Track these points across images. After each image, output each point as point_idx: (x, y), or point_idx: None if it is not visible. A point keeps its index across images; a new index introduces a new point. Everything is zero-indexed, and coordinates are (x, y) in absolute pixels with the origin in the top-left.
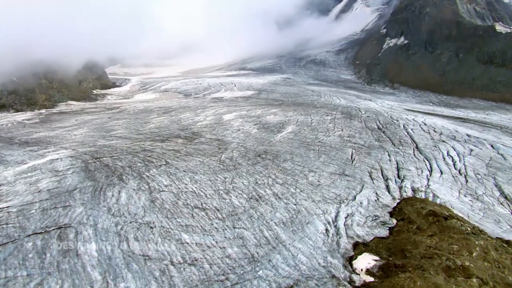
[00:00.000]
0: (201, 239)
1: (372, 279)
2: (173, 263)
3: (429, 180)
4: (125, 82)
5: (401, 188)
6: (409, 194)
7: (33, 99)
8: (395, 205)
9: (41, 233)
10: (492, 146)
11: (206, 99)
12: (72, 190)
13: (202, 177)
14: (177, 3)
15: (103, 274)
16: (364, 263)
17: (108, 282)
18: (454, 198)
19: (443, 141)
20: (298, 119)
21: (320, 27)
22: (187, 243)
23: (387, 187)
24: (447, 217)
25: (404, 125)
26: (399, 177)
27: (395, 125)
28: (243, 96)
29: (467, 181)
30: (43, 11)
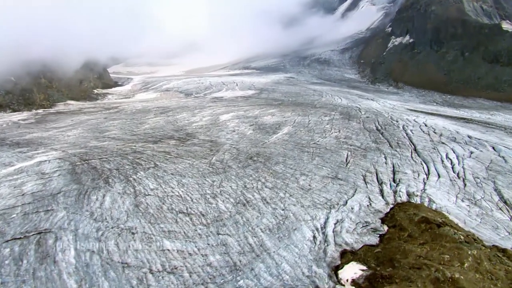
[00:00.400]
0: (183, 246)
1: None
2: (152, 271)
3: (425, 184)
4: (127, 81)
5: (395, 192)
6: (404, 198)
7: (30, 98)
8: (388, 210)
9: (20, 238)
10: (493, 148)
11: (206, 98)
12: (56, 193)
13: (190, 180)
14: (178, 2)
15: (79, 282)
16: (350, 273)
17: None
18: (450, 203)
19: (443, 143)
20: (295, 120)
21: (325, 25)
22: (168, 250)
23: (381, 192)
24: (440, 224)
25: (403, 126)
26: (394, 181)
27: (394, 126)
28: (244, 95)
29: (465, 185)
30: (42, 11)
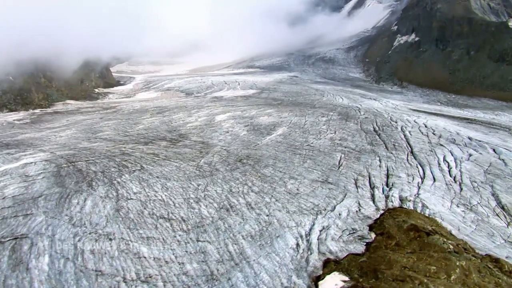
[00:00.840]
0: (160, 253)
1: None
2: (125, 279)
3: (419, 188)
4: (129, 80)
5: (387, 197)
6: (396, 204)
7: (28, 98)
8: (378, 216)
9: None
10: (494, 150)
11: (206, 98)
12: (37, 197)
13: (174, 184)
14: (181, 2)
15: None
16: (331, 284)
17: None
18: (445, 208)
19: (441, 145)
20: (291, 121)
21: (331, 23)
22: (145, 257)
23: (372, 197)
24: (430, 233)
25: (402, 127)
26: (387, 185)
27: (392, 127)
28: (244, 95)
29: (461, 189)
30: (41, 11)
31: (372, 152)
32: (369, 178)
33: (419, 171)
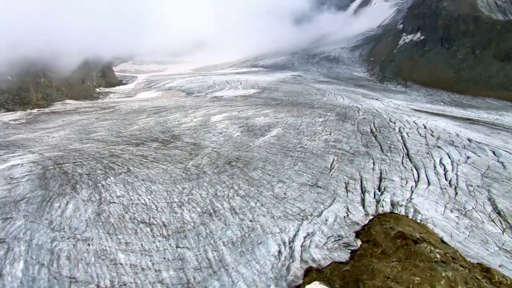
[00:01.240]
0: (137, 259)
1: None
2: (99, 287)
3: (413, 192)
4: (131, 80)
5: (378, 202)
6: (387, 209)
7: (26, 98)
8: (366, 222)
9: None
10: (493, 152)
11: (205, 98)
12: (19, 200)
13: (159, 187)
14: (183, 0)
15: None
16: None
17: None
18: (438, 214)
19: (439, 147)
20: (287, 121)
21: (337, 22)
22: (121, 264)
23: (362, 201)
24: (417, 241)
25: (400, 129)
26: (379, 189)
27: (390, 128)
28: (244, 95)
29: (456, 193)
30: (40, 11)
31: (366, 154)
32: (361, 181)
33: (413, 174)
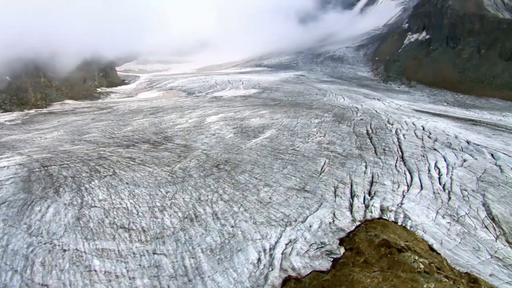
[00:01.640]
0: (112, 266)
1: None
2: None
3: (404, 197)
4: (134, 79)
5: (367, 207)
6: (376, 214)
7: (24, 98)
8: (353, 229)
9: None
10: (492, 155)
11: (205, 98)
12: (0, 203)
13: (142, 190)
14: (187, 0)
15: None
16: None
17: None
18: (429, 219)
19: (435, 150)
20: (282, 122)
21: (343, 21)
22: (95, 270)
23: (351, 206)
24: (401, 249)
25: (397, 130)
26: (369, 194)
27: (386, 130)
28: (244, 95)
29: (449, 198)
30: (40, 11)
31: (359, 157)
32: (351, 186)
33: (406, 178)
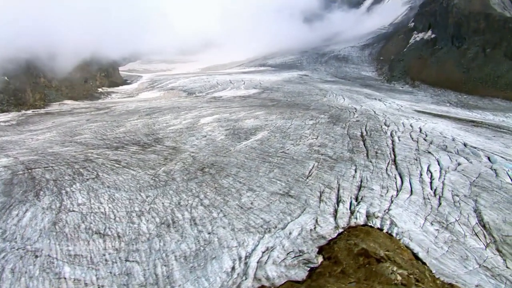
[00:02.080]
0: (82, 273)
1: None
2: None
3: (392, 202)
4: (136, 79)
5: (353, 213)
6: (361, 221)
7: (22, 99)
8: (335, 236)
9: None
10: (489, 158)
11: (204, 98)
12: None
13: (123, 195)
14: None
15: None
16: None
17: None
18: (416, 226)
19: (429, 152)
20: (276, 124)
21: (349, 20)
22: (65, 278)
23: (335, 212)
24: (381, 259)
25: (392, 132)
26: (356, 199)
27: (381, 132)
28: (243, 95)
29: (440, 204)
30: (40, 11)
31: (349, 160)
32: (338, 190)
33: (396, 182)
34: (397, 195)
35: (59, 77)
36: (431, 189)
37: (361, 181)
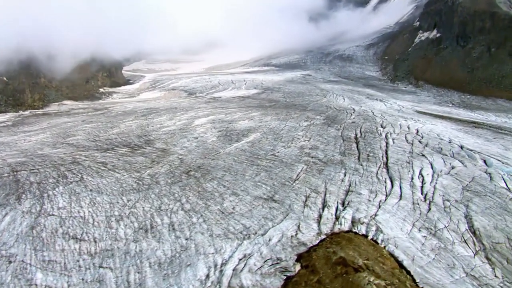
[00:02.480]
0: (54, 280)
1: None
2: None
3: (379, 208)
4: (138, 79)
5: (337, 218)
6: (346, 227)
7: (21, 99)
8: (317, 243)
9: None
10: (485, 161)
11: (203, 99)
12: None
13: (104, 198)
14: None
15: None
16: None
17: None
18: (403, 233)
19: (423, 155)
20: (270, 126)
21: (355, 19)
22: (36, 285)
23: (319, 218)
24: (358, 269)
25: (387, 134)
26: (343, 204)
27: (376, 133)
28: (243, 95)
29: (429, 209)
30: (39, 10)
31: (339, 163)
32: (324, 194)
33: (386, 186)
34: (386, 200)
35: (59, 77)
36: (422, 193)
37: (350, 185)
